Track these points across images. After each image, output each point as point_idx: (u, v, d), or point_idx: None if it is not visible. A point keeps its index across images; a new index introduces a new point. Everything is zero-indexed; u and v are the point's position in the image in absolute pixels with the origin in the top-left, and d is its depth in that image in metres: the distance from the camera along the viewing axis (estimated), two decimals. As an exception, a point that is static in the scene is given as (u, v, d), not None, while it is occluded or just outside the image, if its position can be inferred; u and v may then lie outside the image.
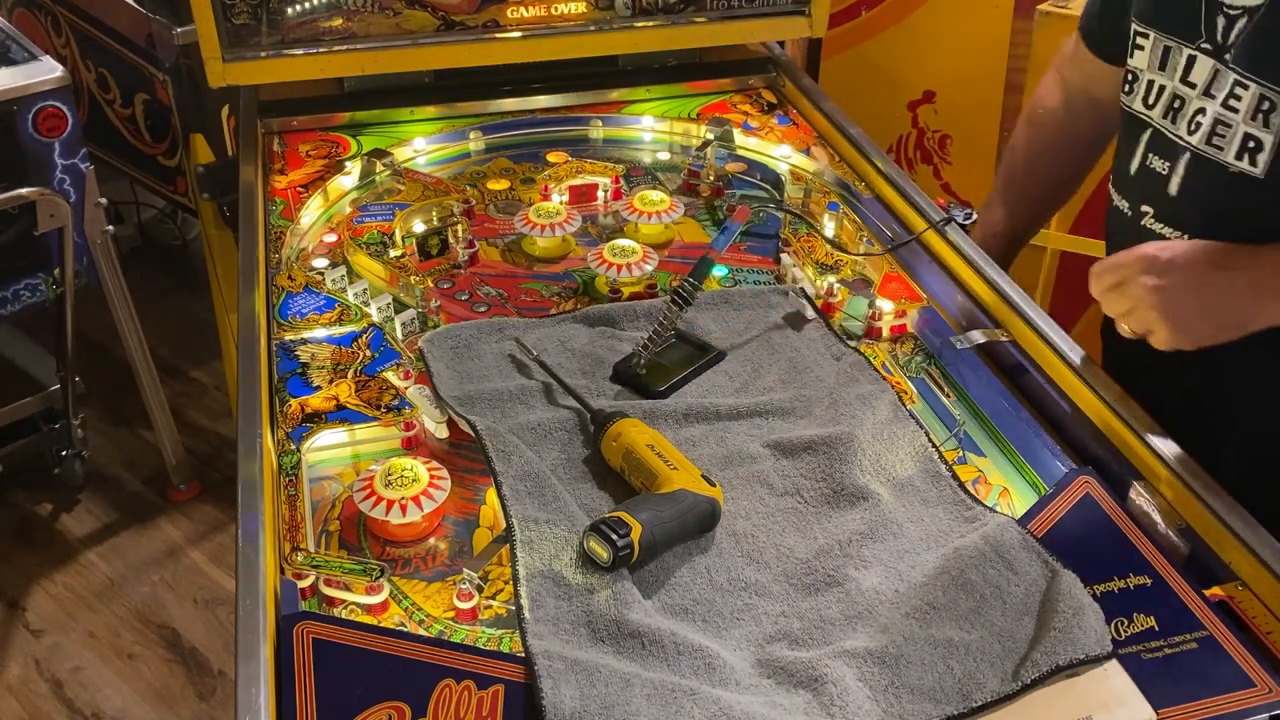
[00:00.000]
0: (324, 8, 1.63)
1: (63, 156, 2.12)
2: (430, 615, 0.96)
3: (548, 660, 0.86)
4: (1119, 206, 1.27)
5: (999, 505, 1.07)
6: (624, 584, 0.94)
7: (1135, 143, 1.23)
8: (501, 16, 1.70)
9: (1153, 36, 1.18)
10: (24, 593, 2.41)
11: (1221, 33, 1.11)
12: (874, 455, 1.08)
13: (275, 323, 1.27)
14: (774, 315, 1.31)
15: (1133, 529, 1.00)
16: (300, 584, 0.95)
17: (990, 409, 1.19)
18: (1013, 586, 0.94)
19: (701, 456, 1.09)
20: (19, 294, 2.22)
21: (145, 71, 2.54)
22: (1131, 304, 1.08)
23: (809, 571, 0.98)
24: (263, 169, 1.58)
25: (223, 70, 1.62)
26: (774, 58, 1.89)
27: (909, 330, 1.30)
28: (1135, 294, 1.07)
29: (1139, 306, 1.07)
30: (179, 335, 3.04)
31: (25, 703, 2.19)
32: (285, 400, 1.16)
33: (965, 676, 0.87)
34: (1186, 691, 0.87)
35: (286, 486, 1.06)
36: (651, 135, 1.76)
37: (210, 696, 2.21)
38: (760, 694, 0.87)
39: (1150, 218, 1.21)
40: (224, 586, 2.43)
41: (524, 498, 1.02)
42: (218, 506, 2.62)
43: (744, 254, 1.44)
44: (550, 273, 1.41)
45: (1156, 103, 1.19)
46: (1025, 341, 1.22)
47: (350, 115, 1.71)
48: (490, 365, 1.20)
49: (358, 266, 1.39)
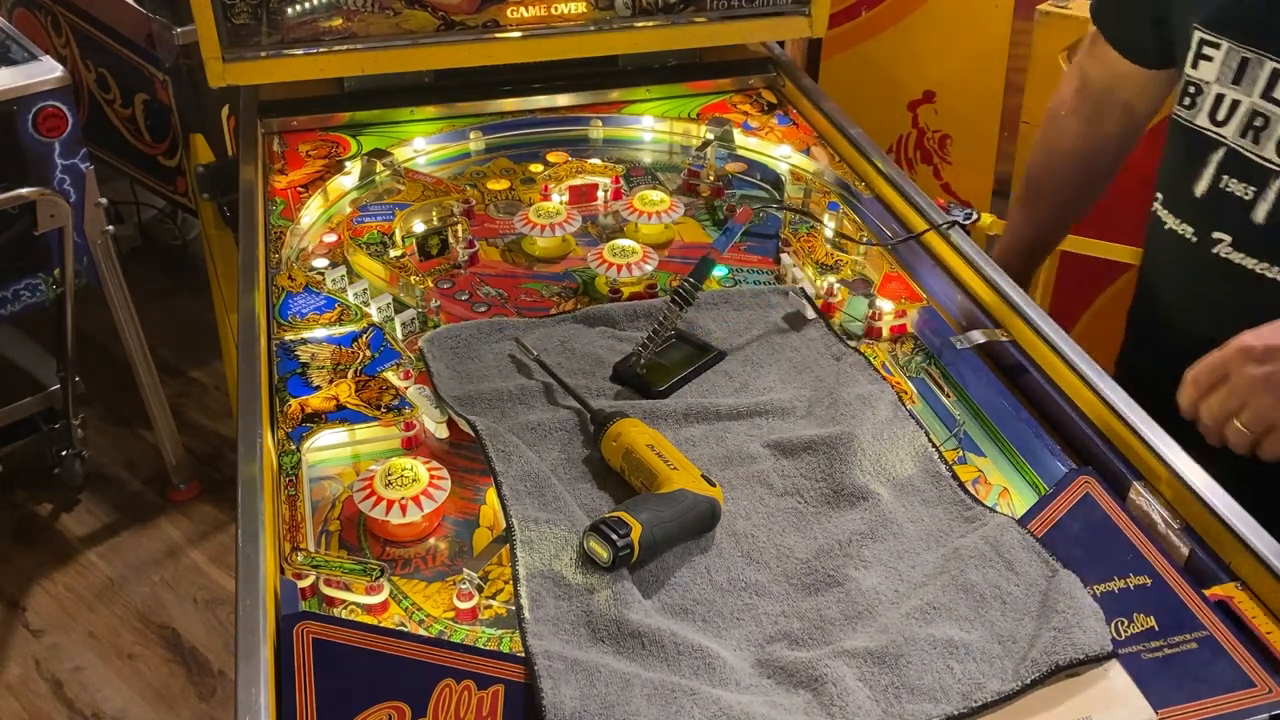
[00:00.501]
0: (324, 8, 1.63)
1: (63, 156, 2.12)
2: (430, 615, 0.96)
3: (548, 660, 0.86)
4: (1177, 231, 1.17)
5: (999, 505, 1.07)
6: (624, 584, 0.94)
7: (1202, 163, 1.12)
8: (501, 16, 1.70)
9: (1225, 46, 1.08)
10: (24, 593, 2.41)
11: None
12: (874, 455, 1.08)
13: (275, 323, 1.27)
14: (774, 315, 1.31)
15: (1133, 529, 1.00)
16: (300, 584, 0.95)
17: (990, 409, 1.19)
18: (1013, 586, 0.94)
19: (701, 456, 1.09)
20: (19, 294, 2.22)
21: (145, 71, 2.54)
22: (1242, 400, 0.96)
23: (809, 571, 0.98)
24: (263, 169, 1.58)
25: (223, 70, 1.62)
26: (774, 58, 1.89)
27: (909, 330, 1.30)
28: (1244, 388, 0.95)
29: (1252, 400, 0.96)
30: (179, 335, 3.04)
31: (25, 703, 2.19)
32: (285, 400, 1.16)
33: (965, 676, 0.87)
34: (1186, 691, 0.87)
35: (286, 486, 1.06)
36: (651, 135, 1.76)
37: (210, 696, 2.21)
38: (760, 694, 0.87)
39: (1227, 246, 1.12)
40: (224, 586, 2.43)
41: (524, 498, 1.02)
42: (218, 506, 2.62)
43: (744, 254, 1.44)
44: (550, 273, 1.41)
45: (1229, 120, 1.09)
46: (1025, 341, 1.22)
47: (350, 115, 1.71)
48: (490, 365, 1.21)
49: (358, 266, 1.39)
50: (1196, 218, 1.15)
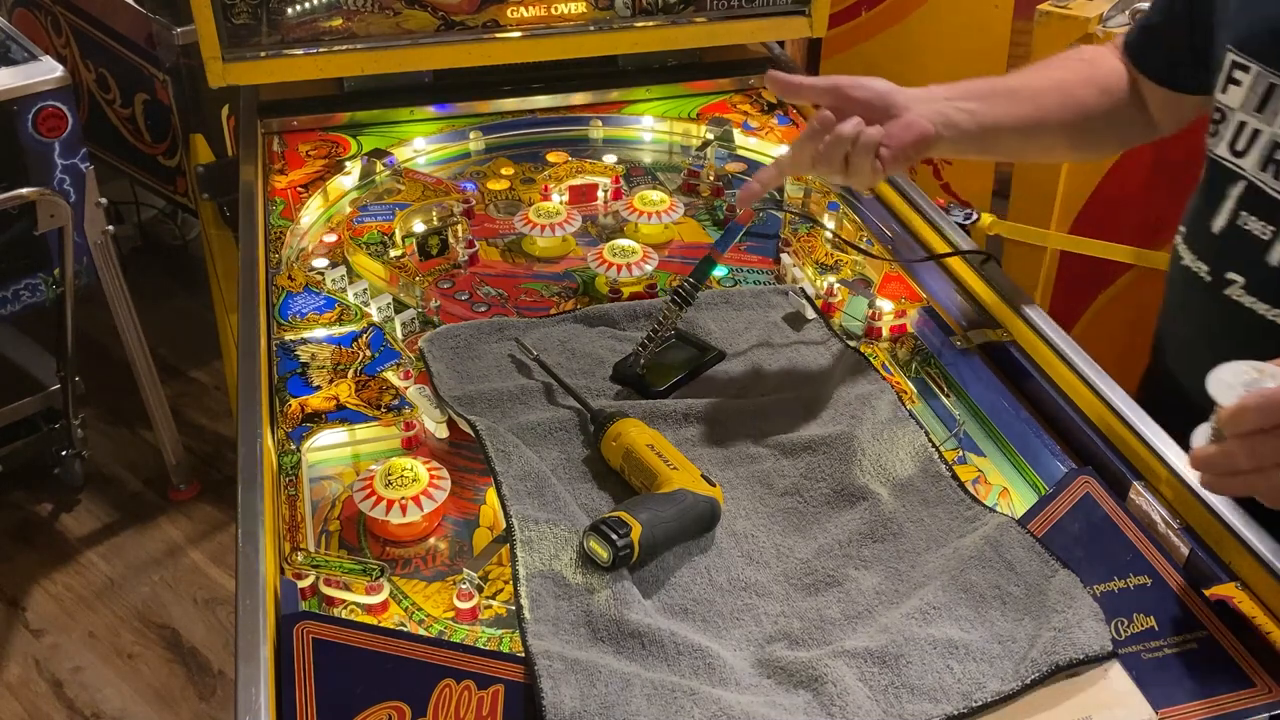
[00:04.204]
0: (324, 8, 1.63)
1: (63, 156, 2.12)
2: (430, 615, 0.96)
3: (548, 660, 0.86)
4: (1191, 268, 1.09)
5: (999, 505, 1.07)
6: (624, 584, 0.94)
7: (1221, 196, 1.04)
8: (501, 16, 1.70)
9: (1254, 70, 0.98)
10: (24, 593, 2.41)
11: None
12: (874, 455, 1.08)
13: (275, 323, 1.27)
14: (774, 315, 1.31)
15: (1133, 529, 1.00)
16: (300, 584, 0.95)
17: (990, 409, 1.19)
18: (1013, 586, 0.94)
19: (701, 456, 1.09)
20: (19, 294, 2.22)
21: (145, 71, 2.54)
22: None
23: (809, 571, 0.98)
24: (263, 169, 1.58)
25: (223, 70, 1.62)
26: (774, 58, 1.89)
27: (909, 330, 1.30)
28: None
29: None
30: (179, 335, 3.04)
31: (25, 703, 2.19)
32: (285, 400, 1.16)
33: (965, 676, 0.87)
34: (1186, 691, 0.87)
35: (286, 486, 1.06)
36: (651, 135, 1.76)
37: (210, 696, 2.21)
38: (760, 694, 0.87)
39: (1239, 288, 1.03)
40: (224, 586, 2.43)
41: (524, 498, 1.02)
42: (218, 506, 2.63)
43: (744, 254, 1.44)
44: (550, 273, 1.41)
45: (1248, 150, 1.00)
46: (1025, 341, 1.22)
47: (350, 115, 1.72)
48: (490, 365, 1.21)
49: (358, 266, 1.39)
50: (1211, 255, 1.07)
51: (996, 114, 1.15)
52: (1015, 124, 1.17)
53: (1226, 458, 0.83)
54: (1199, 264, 1.09)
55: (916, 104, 1.10)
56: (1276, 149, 0.98)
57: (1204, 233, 1.07)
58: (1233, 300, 1.04)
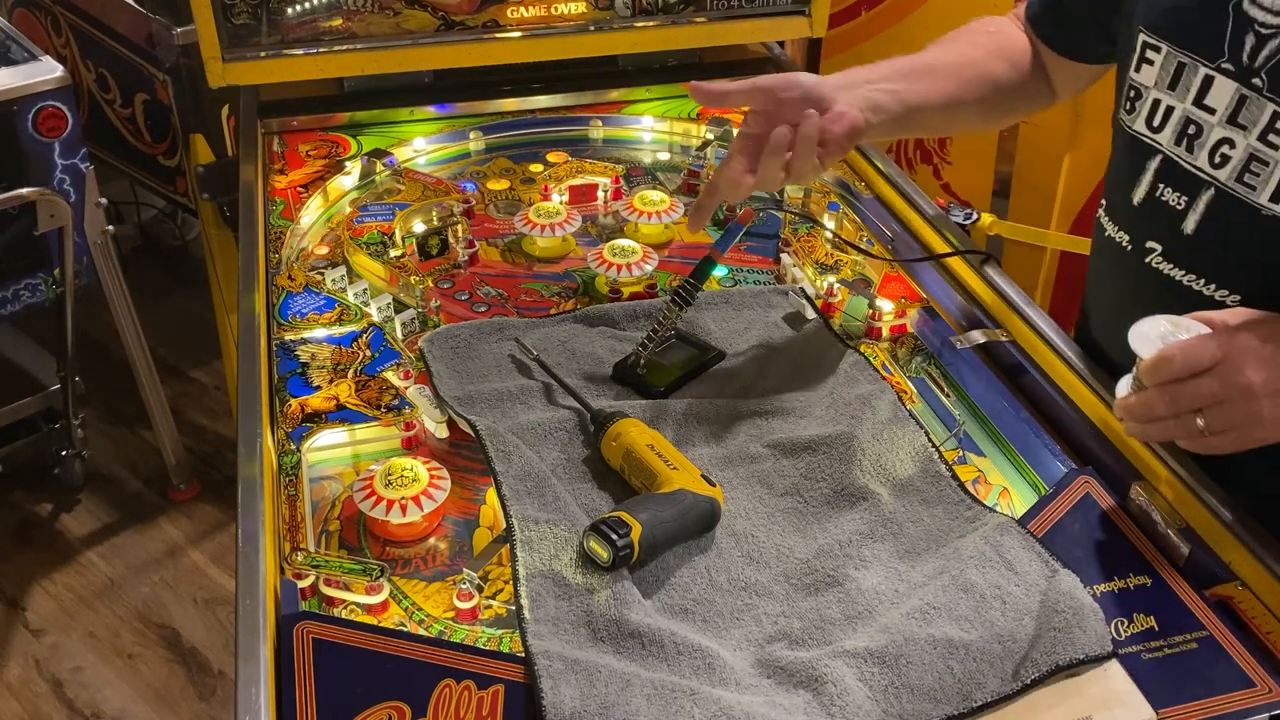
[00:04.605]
0: (324, 8, 1.63)
1: (63, 156, 2.12)
2: (430, 615, 0.96)
3: (548, 660, 0.86)
4: (1114, 239, 1.14)
5: (999, 505, 1.07)
6: (624, 584, 0.94)
7: (1140, 170, 1.09)
8: (501, 16, 1.70)
9: (1165, 50, 1.04)
10: (24, 593, 2.41)
11: (1249, 53, 0.97)
12: (874, 455, 1.08)
13: (275, 323, 1.27)
14: (774, 315, 1.31)
15: (1133, 529, 1.00)
16: (300, 584, 0.95)
17: (990, 409, 1.19)
18: (1013, 586, 0.94)
19: (701, 456, 1.09)
20: (19, 294, 2.22)
21: (145, 71, 2.54)
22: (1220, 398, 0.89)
23: (809, 571, 0.98)
24: (263, 169, 1.58)
25: (223, 70, 1.62)
26: (774, 58, 1.89)
27: (909, 330, 1.30)
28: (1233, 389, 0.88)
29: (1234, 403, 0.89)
30: (179, 335, 3.04)
31: (25, 703, 2.19)
32: (285, 400, 1.16)
33: (965, 676, 0.87)
34: (1186, 691, 0.87)
35: (286, 486, 1.06)
36: (651, 135, 1.76)
37: (210, 696, 2.21)
38: (760, 694, 0.87)
39: (1157, 256, 1.08)
40: (224, 586, 2.43)
41: (524, 498, 1.02)
42: (218, 506, 2.63)
43: (744, 254, 1.44)
44: (550, 273, 1.41)
45: (1164, 126, 1.06)
46: (1025, 341, 1.22)
47: (350, 115, 1.72)
48: (490, 365, 1.21)
49: (358, 266, 1.39)
50: (1132, 226, 1.12)
51: (919, 93, 1.20)
52: (937, 102, 1.21)
53: (1146, 406, 0.92)
54: (1120, 234, 1.13)
55: (842, 93, 1.13)
56: (1188, 124, 1.03)
57: (1124, 205, 1.12)
58: (1152, 267, 1.09)
